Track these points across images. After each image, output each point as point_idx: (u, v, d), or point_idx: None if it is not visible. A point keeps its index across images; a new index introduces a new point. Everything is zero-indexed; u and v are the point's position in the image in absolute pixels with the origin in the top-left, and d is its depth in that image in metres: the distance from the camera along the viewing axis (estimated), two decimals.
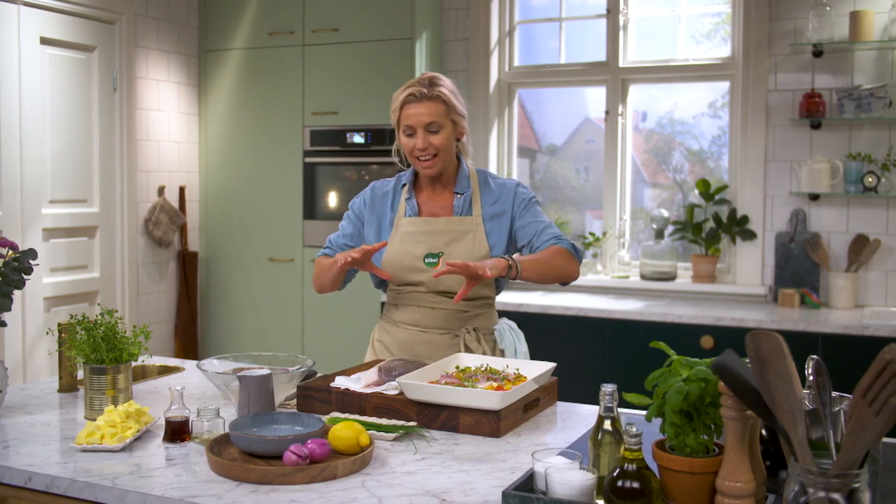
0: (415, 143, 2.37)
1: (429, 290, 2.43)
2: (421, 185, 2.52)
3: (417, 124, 2.36)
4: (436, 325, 2.44)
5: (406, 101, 2.37)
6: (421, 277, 2.42)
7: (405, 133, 2.40)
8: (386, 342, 2.52)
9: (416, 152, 2.39)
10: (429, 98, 2.36)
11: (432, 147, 2.37)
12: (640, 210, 4.75)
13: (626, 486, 1.39)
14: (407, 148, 2.41)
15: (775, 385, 1.27)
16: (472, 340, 2.43)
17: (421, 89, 2.36)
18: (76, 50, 4.31)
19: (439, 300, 2.43)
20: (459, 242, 2.41)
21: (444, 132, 2.38)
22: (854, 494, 1.22)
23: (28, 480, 1.69)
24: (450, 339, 2.44)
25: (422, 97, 2.36)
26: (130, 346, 2.08)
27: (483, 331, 2.48)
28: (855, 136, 4.05)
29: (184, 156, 4.99)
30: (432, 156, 2.38)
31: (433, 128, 2.36)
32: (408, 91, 2.37)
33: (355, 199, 2.59)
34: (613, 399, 1.55)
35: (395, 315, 2.50)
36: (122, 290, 4.60)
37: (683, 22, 4.55)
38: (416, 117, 2.35)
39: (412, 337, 2.45)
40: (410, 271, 2.42)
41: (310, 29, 4.72)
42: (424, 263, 2.40)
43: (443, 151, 2.39)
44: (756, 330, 1.29)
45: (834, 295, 4.00)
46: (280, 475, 1.61)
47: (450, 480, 1.64)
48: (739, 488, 1.36)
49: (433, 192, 2.50)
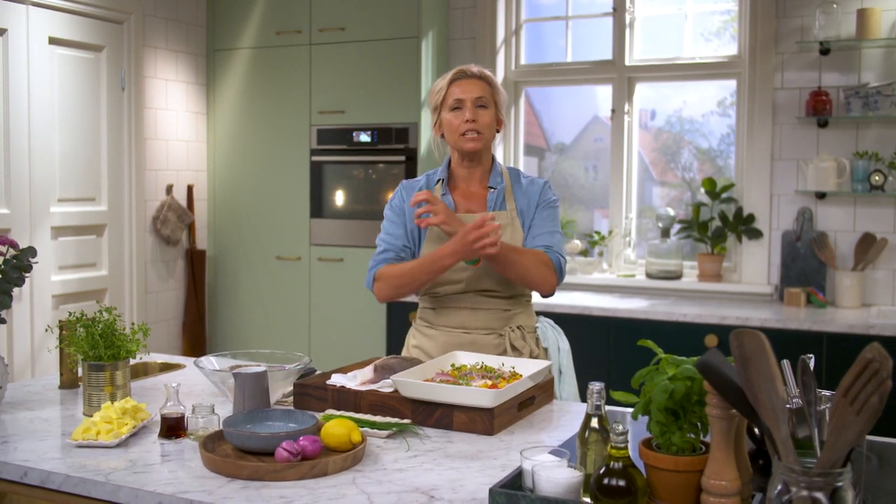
0: (463, 116, 2.39)
1: (469, 288, 2.41)
2: (455, 181, 2.51)
3: (468, 97, 2.40)
4: (480, 326, 2.42)
5: (455, 77, 2.44)
6: (461, 276, 2.40)
7: (451, 108, 2.41)
8: (425, 347, 2.47)
9: (464, 126, 2.39)
10: (477, 76, 2.44)
11: (480, 122, 2.40)
12: (648, 208, 4.74)
13: (612, 484, 1.40)
14: (453, 125, 2.41)
15: (758, 383, 1.27)
16: (517, 339, 2.42)
17: (471, 68, 2.46)
18: (85, 50, 4.34)
19: (480, 300, 2.42)
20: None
21: (489, 111, 2.43)
22: (837, 493, 1.22)
23: (24, 475, 1.71)
24: (494, 338, 2.42)
25: (471, 75, 2.44)
26: (129, 343, 2.10)
27: (526, 328, 2.46)
28: (862, 135, 4.03)
29: (192, 154, 5.02)
30: (478, 132, 2.40)
31: (481, 103, 2.41)
32: (457, 70, 2.45)
33: (392, 199, 2.53)
34: (601, 397, 1.55)
35: (434, 319, 2.47)
36: (131, 288, 4.63)
37: (690, 20, 4.53)
38: (466, 91, 2.40)
39: (456, 339, 2.42)
40: (452, 271, 2.38)
41: (317, 28, 4.74)
42: (465, 262, 2.37)
43: (487, 130, 2.42)
44: (740, 328, 1.30)
45: (840, 294, 3.98)
46: (271, 472, 1.62)
47: (440, 478, 1.65)
48: (725, 486, 1.36)
49: (468, 187, 2.49)
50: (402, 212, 2.48)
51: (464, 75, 2.43)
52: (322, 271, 4.79)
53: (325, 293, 4.78)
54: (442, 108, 2.44)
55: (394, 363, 2.18)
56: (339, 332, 4.73)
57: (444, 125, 2.44)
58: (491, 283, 2.40)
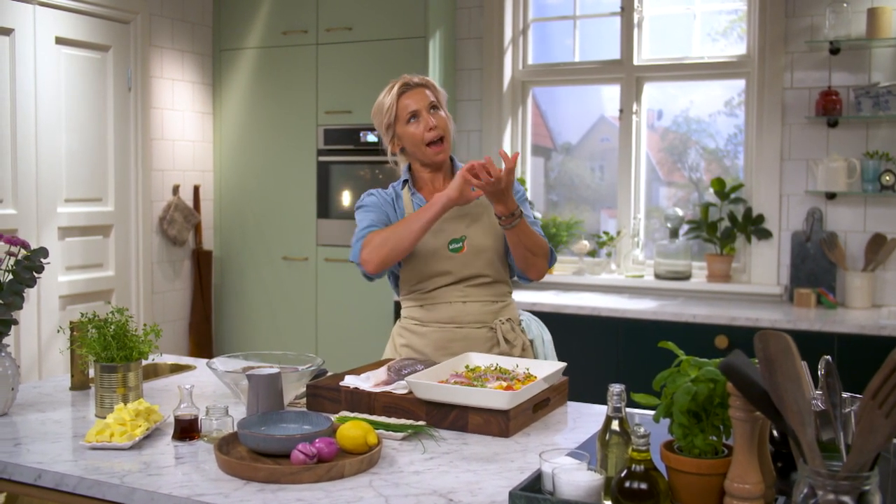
0: (424, 124, 2.39)
1: (456, 278, 2.41)
2: (420, 184, 2.51)
3: (421, 106, 2.40)
4: (471, 320, 2.42)
5: (402, 90, 2.43)
6: (448, 266, 2.40)
7: (408, 121, 2.41)
8: (416, 345, 2.46)
9: (427, 135, 2.39)
10: (421, 84, 2.45)
11: (440, 126, 2.41)
12: (655, 209, 4.73)
13: (633, 487, 1.38)
14: (415, 136, 2.41)
15: (784, 386, 1.26)
16: (508, 331, 2.43)
17: (412, 79, 2.45)
18: (91, 49, 4.33)
19: (469, 292, 2.42)
20: (477, 224, 2.43)
21: (443, 112, 2.45)
22: (864, 497, 1.20)
23: (37, 478, 1.70)
24: (486, 332, 2.43)
25: (415, 85, 2.44)
26: (141, 344, 2.09)
27: (514, 321, 2.49)
28: (872, 135, 4.01)
29: (198, 155, 5.01)
30: (440, 138, 2.40)
31: (434, 106, 2.43)
32: (399, 83, 2.44)
33: (363, 199, 2.50)
34: (621, 399, 1.54)
35: (424, 316, 2.45)
36: (137, 289, 4.62)
37: (698, 19, 4.52)
38: (418, 101, 2.41)
39: (448, 334, 2.42)
40: (437, 261, 2.39)
41: (323, 28, 4.73)
42: (449, 250, 2.39)
43: (447, 133, 2.43)
44: (764, 330, 1.28)
45: (850, 295, 3.96)
46: (287, 474, 1.60)
47: (457, 480, 1.64)
48: (748, 490, 1.35)
49: (434, 189, 2.49)
50: (379, 207, 2.46)
51: (408, 87, 2.44)
52: (329, 272, 4.77)
53: (332, 294, 4.77)
54: (396, 124, 2.44)
55: (407, 364, 2.17)
56: (346, 333, 4.71)
57: (405, 138, 2.44)
58: (479, 267, 2.41)
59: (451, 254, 2.39)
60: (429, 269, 2.40)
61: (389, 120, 2.44)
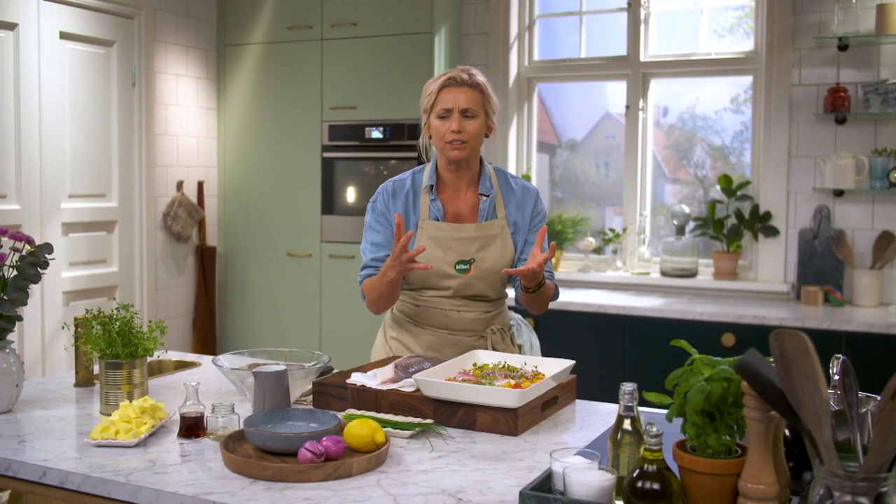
0: (449, 125, 2.36)
1: (456, 294, 2.41)
2: (443, 186, 2.48)
3: (455, 107, 2.36)
4: (464, 328, 2.44)
5: (446, 83, 2.38)
6: (450, 283, 2.40)
7: (439, 116, 2.38)
8: (406, 341, 2.48)
9: (450, 136, 2.36)
10: (468, 85, 2.39)
11: (466, 133, 2.37)
12: (660, 206, 4.70)
13: (645, 487, 1.36)
14: (439, 132, 2.38)
15: (800, 385, 1.24)
16: (498, 341, 2.46)
17: (461, 75, 2.39)
18: (95, 45, 4.31)
19: (465, 303, 2.42)
20: (489, 248, 2.41)
21: (477, 121, 2.39)
22: (882, 498, 1.18)
23: (42, 475, 1.69)
24: (476, 339, 2.45)
25: (462, 82, 2.38)
26: (146, 340, 2.07)
27: (504, 328, 2.50)
28: (881, 131, 3.99)
29: (202, 150, 5.00)
30: (463, 142, 2.37)
31: (469, 114, 2.37)
32: (448, 75, 2.39)
33: (375, 201, 2.48)
34: (633, 398, 1.52)
35: (417, 316, 2.47)
36: (141, 285, 4.61)
37: (705, 15, 4.49)
38: (455, 100, 2.36)
39: (441, 339, 2.44)
40: (440, 277, 2.39)
41: (328, 23, 4.71)
42: (455, 270, 2.39)
43: (473, 139, 2.39)
44: (780, 328, 1.26)
45: (858, 292, 3.93)
46: (294, 472, 1.59)
47: (466, 479, 1.62)
48: (762, 490, 1.33)
49: (456, 192, 2.47)
50: (384, 218, 2.46)
51: (454, 83, 2.38)
52: (333, 268, 4.76)
53: (336, 290, 4.75)
54: (431, 112, 2.42)
55: (414, 362, 2.15)
56: (351, 330, 4.69)
57: (432, 130, 2.42)
58: (481, 289, 2.42)
59: (457, 273, 2.39)
60: (431, 282, 2.42)
61: (426, 106, 2.43)
